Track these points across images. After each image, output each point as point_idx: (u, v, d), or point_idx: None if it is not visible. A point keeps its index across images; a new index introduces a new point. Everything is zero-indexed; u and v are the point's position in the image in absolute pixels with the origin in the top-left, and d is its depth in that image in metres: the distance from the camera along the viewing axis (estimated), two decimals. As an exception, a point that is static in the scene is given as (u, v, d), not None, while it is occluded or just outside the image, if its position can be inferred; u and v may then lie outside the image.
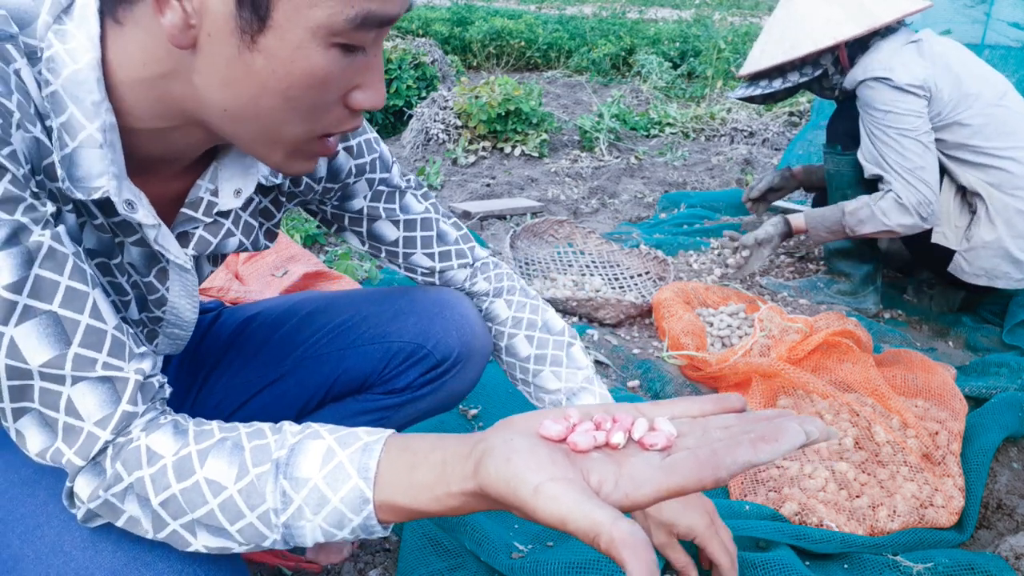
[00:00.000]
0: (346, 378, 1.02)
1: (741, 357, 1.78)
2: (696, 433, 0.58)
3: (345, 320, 1.03)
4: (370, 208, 0.97)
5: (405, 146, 4.27)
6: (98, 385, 0.61)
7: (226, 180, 0.76)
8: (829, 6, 2.13)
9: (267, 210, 0.88)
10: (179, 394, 1.03)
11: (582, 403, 1.03)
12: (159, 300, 0.80)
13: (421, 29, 8.38)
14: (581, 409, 0.61)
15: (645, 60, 7.07)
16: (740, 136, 4.85)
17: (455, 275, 1.05)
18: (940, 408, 1.64)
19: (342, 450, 0.61)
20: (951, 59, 2.07)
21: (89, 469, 0.62)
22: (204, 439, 0.63)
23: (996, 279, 2.10)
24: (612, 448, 0.57)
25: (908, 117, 2.02)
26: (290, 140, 0.66)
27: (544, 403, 1.07)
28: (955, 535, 1.33)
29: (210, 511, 0.61)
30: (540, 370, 1.05)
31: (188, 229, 0.77)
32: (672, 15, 12.28)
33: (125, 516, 0.63)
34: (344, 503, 0.60)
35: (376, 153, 0.94)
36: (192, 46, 0.60)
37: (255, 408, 1.03)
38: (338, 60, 0.61)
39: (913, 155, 2.04)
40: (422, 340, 1.01)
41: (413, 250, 1.02)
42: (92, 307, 0.61)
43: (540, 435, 0.58)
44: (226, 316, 1.09)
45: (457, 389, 1.07)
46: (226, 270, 2.07)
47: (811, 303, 2.35)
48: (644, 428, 0.58)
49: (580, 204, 3.42)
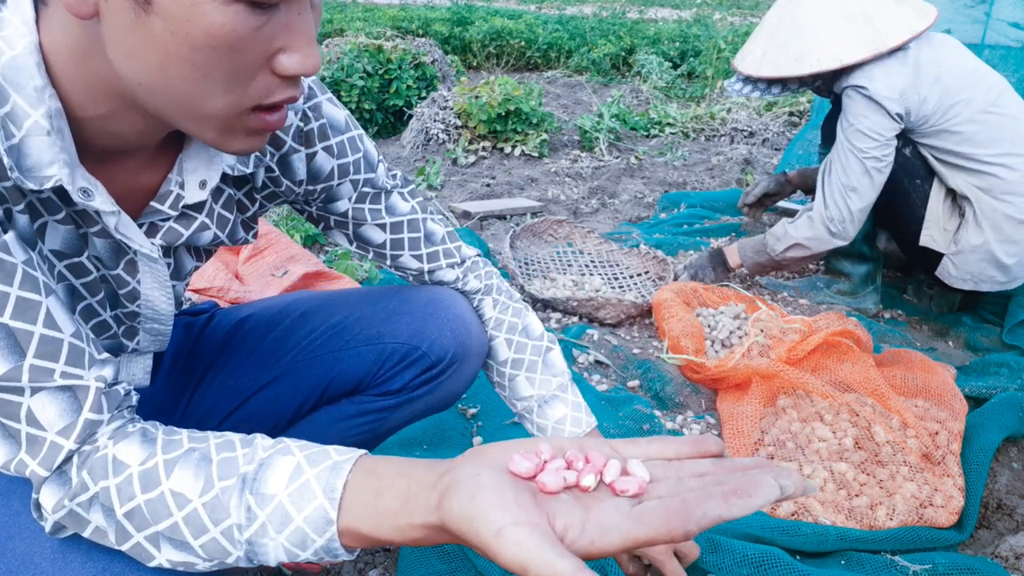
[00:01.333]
0: (340, 380, 1.01)
1: (740, 359, 1.78)
2: (669, 479, 0.56)
3: (339, 321, 1.02)
4: (355, 211, 0.95)
5: (405, 146, 4.27)
6: (58, 394, 0.60)
7: (191, 172, 0.74)
8: (837, 20, 2.08)
9: (241, 203, 0.86)
10: (172, 398, 1.02)
11: (553, 411, 1.04)
12: (131, 294, 0.78)
13: (421, 29, 8.38)
14: (554, 443, 0.59)
15: (645, 60, 7.07)
16: (740, 136, 4.84)
17: (444, 275, 1.05)
18: (940, 408, 1.64)
19: (310, 468, 0.60)
20: (941, 64, 2.03)
21: (55, 479, 0.61)
22: (172, 449, 0.62)
23: (981, 283, 2.10)
24: (582, 491, 0.56)
25: (866, 138, 2.03)
26: (216, 114, 0.60)
27: (517, 408, 1.07)
28: (955, 535, 1.33)
29: (174, 524, 0.60)
30: (516, 375, 1.05)
31: (156, 221, 0.75)
32: (672, 15, 12.28)
33: (91, 527, 0.62)
34: (308, 523, 0.58)
35: (360, 152, 0.91)
36: (95, 15, 0.56)
37: (249, 411, 1.02)
38: (245, 18, 0.55)
39: (852, 174, 2.06)
40: (416, 341, 1.00)
41: (400, 252, 1.01)
42: (46, 316, 0.60)
43: (509, 471, 0.56)
44: (219, 318, 1.08)
45: (453, 389, 1.06)
46: (226, 270, 2.07)
47: (811, 303, 2.35)
48: (616, 471, 0.57)
49: (580, 204, 3.41)
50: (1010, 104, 2.05)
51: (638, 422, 1.56)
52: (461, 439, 1.58)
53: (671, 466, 0.58)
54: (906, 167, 2.12)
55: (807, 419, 1.58)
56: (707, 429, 1.65)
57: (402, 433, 1.53)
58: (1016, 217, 2.00)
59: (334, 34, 7.34)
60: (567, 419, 1.04)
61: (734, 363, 1.75)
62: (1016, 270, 2.06)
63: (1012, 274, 2.07)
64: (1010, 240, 2.02)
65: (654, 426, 1.57)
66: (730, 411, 1.63)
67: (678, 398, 1.77)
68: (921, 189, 2.13)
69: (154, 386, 1.01)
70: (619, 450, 0.60)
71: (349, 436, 1.04)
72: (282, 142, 0.83)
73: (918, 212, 2.14)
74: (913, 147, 2.12)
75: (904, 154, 2.11)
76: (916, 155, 2.12)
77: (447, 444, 1.56)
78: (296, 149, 0.85)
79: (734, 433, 1.56)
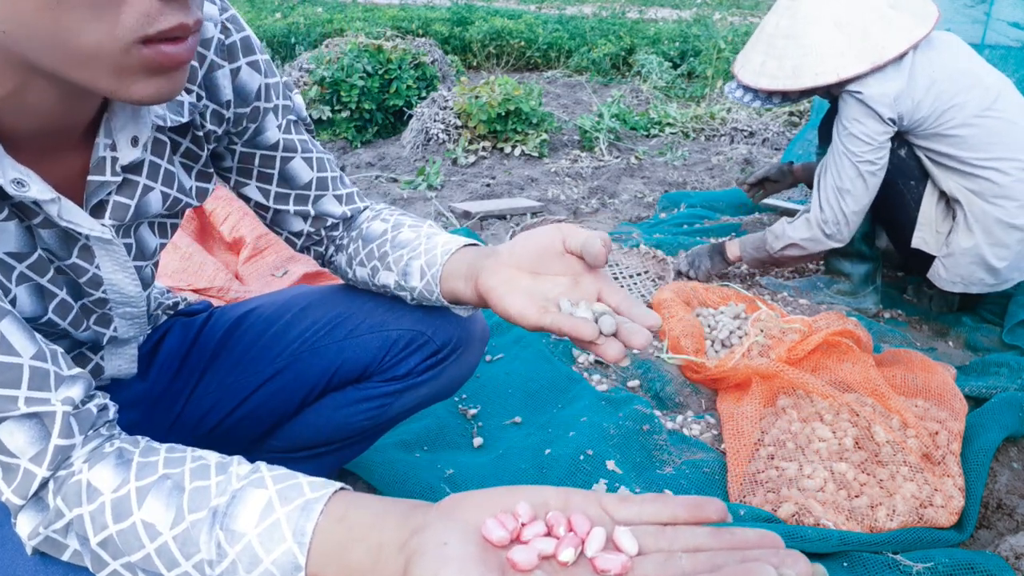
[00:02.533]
0: (346, 368, 1.02)
1: (740, 359, 1.78)
2: (659, 556, 0.52)
3: (341, 312, 1.02)
4: (286, 141, 0.88)
5: (405, 146, 4.27)
6: (24, 422, 0.59)
7: (120, 131, 0.69)
8: (833, 33, 2.07)
9: (190, 151, 0.81)
10: (171, 398, 1.02)
11: (413, 272, 0.90)
12: (93, 280, 0.75)
13: (421, 29, 8.38)
14: (535, 499, 0.55)
15: (645, 60, 7.07)
16: (740, 136, 4.84)
17: (363, 216, 0.99)
18: (940, 408, 1.64)
19: (281, 506, 0.57)
20: (936, 69, 2.02)
21: (32, 505, 0.61)
22: (145, 475, 0.60)
23: (971, 285, 2.11)
24: (560, 565, 0.51)
25: (859, 141, 2.03)
26: (95, 52, 0.53)
27: (388, 291, 0.97)
28: (955, 535, 1.33)
29: (147, 555, 0.58)
30: (378, 277, 0.95)
31: (102, 197, 0.71)
32: (672, 15, 12.27)
33: (69, 551, 0.61)
34: (276, 566, 0.56)
35: (277, 77, 0.86)
36: None
37: (254, 405, 1.03)
38: None
39: (846, 177, 2.07)
40: (422, 327, 1.01)
41: (324, 192, 0.94)
42: (1, 342, 0.58)
43: (483, 536, 0.53)
44: (218, 316, 1.07)
45: (456, 375, 1.07)
46: (226, 270, 2.07)
47: (811, 303, 2.35)
48: (600, 543, 0.52)
49: (580, 204, 3.41)
50: (1008, 106, 2.03)
51: (638, 422, 1.56)
52: (461, 439, 1.58)
53: (664, 535, 0.53)
54: (901, 168, 2.12)
55: (807, 419, 1.58)
56: (707, 429, 1.65)
57: (402, 434, 1.53)
58: (1006, 221, 2.00)
59: (334, 34, 7.33)
60: (425, 268, 0.90)
61: (734, 363, 1.75)
62: (1006, 273, 2.07)
63: (1002, 277, 2.08)
64: (1000, 244, 2.02)
65: (654, 426, 1.57)
66: (730, 411, 1.63)
67: (678, 398, 1.77)
68: (916, 190, 2.13)
69: (152, 386, 1.01)
70: (608, 510, 0.55)
71: (354, 422, 1.05)
72: (203, 57, 0.77)
73: (912, 214, 2.15)
74: (909, 148, 2.12)
75: (899, 155, 2.11)
76: (911, 156, 2.12)
77: (447, 445, 1.56)
78: (219, 64, 0.78)
79: (734, 433, 1.55)
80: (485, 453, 1.54)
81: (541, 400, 1.70)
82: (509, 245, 0.82)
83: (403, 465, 1.41)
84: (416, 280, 0.90)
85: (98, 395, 0.65)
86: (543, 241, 0.79)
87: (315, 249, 1.01)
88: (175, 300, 1.08)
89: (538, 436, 1.55)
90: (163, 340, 1.03)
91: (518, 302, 0.75)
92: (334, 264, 1.03)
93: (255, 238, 2.20)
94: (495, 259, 0.81)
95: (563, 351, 1.91)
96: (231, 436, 1.05)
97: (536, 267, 0.78)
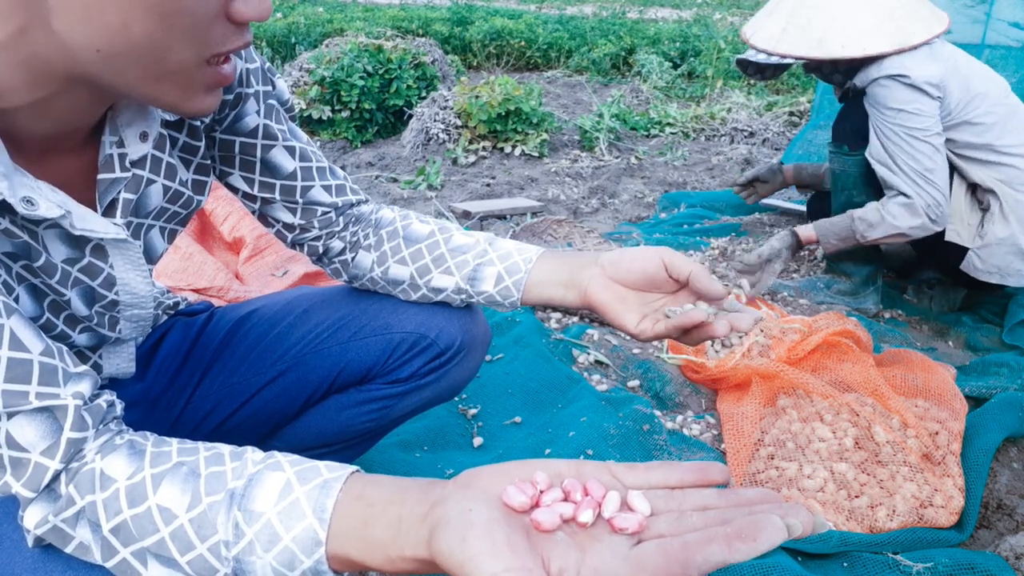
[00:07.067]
0: (349, 370, 1.02)
1: (740, 359, 1.78)
2: (671, 513, 0.55)
3: (344, 314, 1.03)
4: (266, 127, 0.88)
5: (405, 146, 4.27)
6: (36, 416, 0.59)
7: (127, 126, 0.70)
8: (863, 11, 2.08)
9: (187, 144, 0.82)
10: (172, 398, 1.02)
11: (486, 278, 0.96)
12: (107, 281, 0.75)
13: (421, 29, 8.38)
14: (550, 469, 0.58)
15: (645, 60, 7.07)
16: (740, 136, 4.84)
17: (361, 210, 1.00)
18: (940, 408, 1.64)
19: (300, 486, 0.58)
20: (959, 59, 2.07)
21: (43, 496, 0.61)
22: (160, 463, 0.61)
23: (1008, 276, 2.09)
24: (579, 526, 0.54)
25: (920, 117, 2.01)
26: (179, 70, 0.59)
27: (455, 301, 1.01)
28: (955, 535, 1.33)
29: (161, 540, 0.58)
30: (430, 279, 0.98)
31: (114, 195, 0.71)
32: (672, 15, 12.27)
33: (75, 542, 0.61)
34: (296, 543, 0.57)
35: (257, 62, 0.87)
36: None
37: (256, 406, 1.03)
38: None
39: (923, 157, 2.03)
40: (425, 330, 1.01)
41: (312, 183, 0.93)
42: (11, 338, 0.58)
43: (503, 503, 0.54)
44: (219, 316, 1.07)
45: (459, 378, 1.07)
46: (226, 270, 2.07)
47: (811, 303, 2.35)
48: (615, 505, 0.55)
49: (580, 204, 3.42)
50: (1016, 100, 2.09)
51: (638, 422, 1.56)
52: (461, 440, 1.58)
53: (673, 497, 0.56)
54: None
55: (807, 419, 1.58)
56: (707, 429, 1.65)
57: (402, 434, 1.53)
58: None
59: (334, 34, 7.33)
60: (503, 274, 0.96)
61: (734, 363, 1.75)
62: None
63: None
64: None
65: (654, 426, 1.57)
66: (730, 411, 1.63)
67: (678, 398, 1.77)
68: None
69: (151, 386, 1.01)
70: (619, 477, 0.58)
71: (356, 424, 1.06)
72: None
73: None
74: None
75: None
76: None
77: (447, 445, 1.56)
78: None
79: (734, 433, 1.56)
80: (485, 453, 1.54)
81: (541, 400, 1.70)
82: (610, 261, 0.92)
83: (403, 465, 1.42)
84: (488, 285, 0.97)
85: (105, 392, 0.65)
86: (648, 268, 0.91)
87: (309, 244, 1.00)
88: (175, 300, 1.08)
89: (538, 436, 1.55)
90: (163, 340, 1.03)
91: (634, 318, 0.90)
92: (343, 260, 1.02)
93: (255, 238, 2.20)
94: (600, 273, 0.92)
95: (563, 351, 1.91)
96: (233, 437, 1.05)
97: (642, 287, 0.92)
